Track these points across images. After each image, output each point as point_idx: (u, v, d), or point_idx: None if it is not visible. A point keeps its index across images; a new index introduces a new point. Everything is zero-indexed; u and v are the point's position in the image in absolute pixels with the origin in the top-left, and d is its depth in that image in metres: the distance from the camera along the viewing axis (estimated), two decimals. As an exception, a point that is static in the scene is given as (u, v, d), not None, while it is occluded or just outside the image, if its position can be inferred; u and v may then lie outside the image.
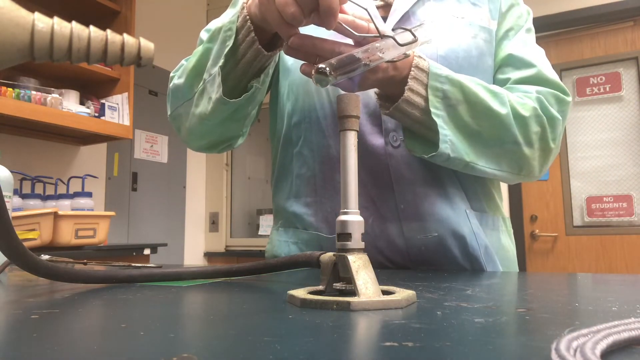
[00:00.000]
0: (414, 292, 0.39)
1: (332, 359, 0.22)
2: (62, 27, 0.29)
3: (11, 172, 0.78)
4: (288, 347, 0.23)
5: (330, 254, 0.42)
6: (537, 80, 0.74)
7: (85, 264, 0.78)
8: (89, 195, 2.06)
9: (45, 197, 2.01)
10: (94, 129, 2.18)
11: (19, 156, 2.20)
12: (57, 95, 2.06)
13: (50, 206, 1.93)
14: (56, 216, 1.78)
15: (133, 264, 0.75)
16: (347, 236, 0.39)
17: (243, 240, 3.24)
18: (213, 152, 0.81)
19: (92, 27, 0.30)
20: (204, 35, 0.76)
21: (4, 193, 0.42)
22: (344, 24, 0.54)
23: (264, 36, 0.63)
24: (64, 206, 1.98)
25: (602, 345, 0.20)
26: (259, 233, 3.17)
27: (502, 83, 0.76)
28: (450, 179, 0.73)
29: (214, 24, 0.70)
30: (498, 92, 0.67)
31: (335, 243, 0.39)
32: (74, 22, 0.30)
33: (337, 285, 0.40)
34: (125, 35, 0.31)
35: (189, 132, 0.76)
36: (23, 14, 0.28)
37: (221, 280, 0.55)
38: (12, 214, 0.75)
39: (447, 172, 0.72)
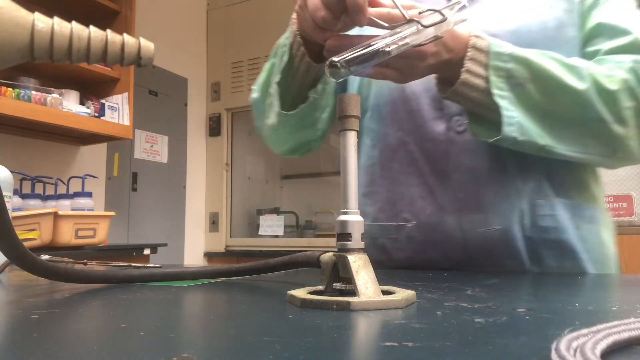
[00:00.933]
0: (414, 292, 0.39)
1: (332, 359, 0.22)
2: (62, 27, 0.29)
3: (11, 172, 0.78)
4: (288, 347, 0.23)
5: (330, 253, 0.42)
6: (633, 48, 0.65)
7: (85, 264, 0.78)
8: (89, 195, 2.06)
9: (45, 197, 2.01)
10: (94, 129, 2.18)
11: (19, 156, 2.20)
12: (57, 95, 2.06)
13: (50, 206, 1.93)
14: (56, 216, 1.78)
15: (133, 264, 0.75)
16: (347, 236, 0.39)
17: (243, 240, 3.24)
18: (295, 155, 0.85)
19: (92, 27, 0.30)
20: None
21: (4, 193, 0.42)
22: (375, 18, 0.52)
23: (314, 48, 0.64)
24: (64, 206, 1.98)
25: (602, 345, 0.20)
26: (259, 233, 3.17)
27: (592, 56, 0.68)
28: (526, 167, 0.67)
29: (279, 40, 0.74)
30: (576, 66, 0.61)
31: (391, 230, 0.39)
32: (74, 22, 0.30)
33: (337, 285, 0.40)
34: (125, 35, 0.31)
35: (269, 140, 0.81)
36: (23, 14, 0.28)
37: (221, 280, 0.55)
38: (12, 214, 0.75)
39: (522, 159, 0.66)
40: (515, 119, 0.58)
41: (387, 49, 0.49)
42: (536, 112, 0.60)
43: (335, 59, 0.47)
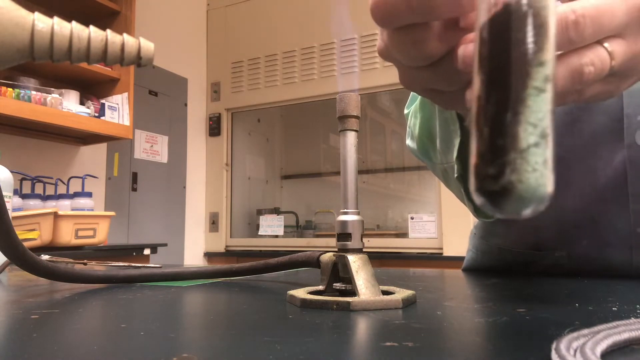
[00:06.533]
0: (414, 292, 0.39)
1: (332, 359, 0.22)
2: (62, 27, 0.29)
3: (11, 172, 0.78)
4: (288, 347, 0.23)
5: (330, 253, 0.42)
6: None
7: (85, 264, 0.78)
8: (89, 195, 2.06)
9: (45, 197, 2.01)
10: (94, 129, 2.18)
11: (19, 156, 2.20)
12: (57, 95, 2.06)
13: (50, 206, 1.93)
14: (56, 216, 1.78)
15: (133, 264, 0.75)
16: (347, 236, 0.39)
17: (243, 240, 3.24)
18: None
19: (92, 27, 0.30)
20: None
21: (4, 193, 0.42)
22: None
23: None
24: (64, 206, 1.98)
25: (602, 345, 0.20)
26: (259, 233, 3.17)
27: None
28: None
29: None
30: None
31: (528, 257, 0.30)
32: (74, 22, 0.30)
33: (337, 285, 0.40)
34: (125, 35, 0.31)
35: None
36: (23, 14, 0.28)
37: (221, 280, 0.55)
38: (12, 214, 0.75)
39: None
40: None
41: None
42: None
43: None
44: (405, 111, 0.66)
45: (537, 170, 0.17)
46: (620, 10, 0.27)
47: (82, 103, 2.25)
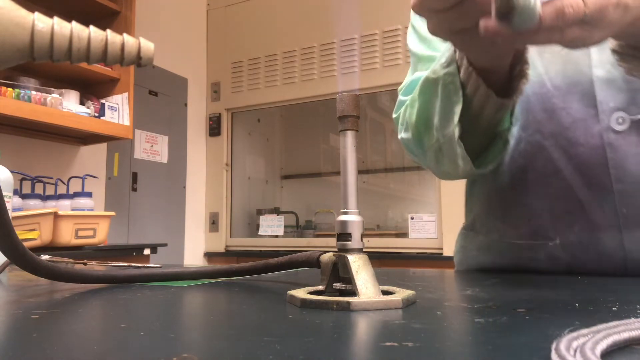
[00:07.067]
0: (414, 292, 0.39)
1: (332, 359, 0.22)
2: (62, 27, 0.29)
3: (11, 172, 0.78)
4: (288, 347, 0.23)
5: (330, 254, 0.42)
6: None
7: (85, 264, 0.78)
8: (89, 195, 2.06)
9: (45, 197, 2.01)
10: (94, 129, 2.18)
11: (19, 156, 2.20)
12: (57, 95, 2.06)
13: (50, 206, 1.93)
14: (56, 216, 1.78)
15: (133, 264, 0.75)
16: (347, 236, 0.39)
17: (243, 240, 3.24)
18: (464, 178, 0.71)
19: (92, 27, 0.30)
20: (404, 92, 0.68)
21: (4, 193, 0.42)
22: None
23: (495, 78, 0.52)
24: (64, 206, 1.98)
25: (602, 345, 0.20)
26: (259, 233, 3.17)
27: None
28: None
29: (417, 75, 0.63)
30: None
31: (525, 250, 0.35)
32: (74, 22, 0.30)
33: (337, 285, 0.40)
34: (125, 35, 0.31)
35: (439, 176, 0.69)
36: (23, 14, 0.28)
37: (221, 280, 0.55)
38: (12, 214, 0.75)
39: None
40: None
41: None
42: None
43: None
44: (394, 115, 0.70)
45: None
46: None
47: (82, 103, 2.25)
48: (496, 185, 0.66)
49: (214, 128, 3.28)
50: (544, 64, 0.61)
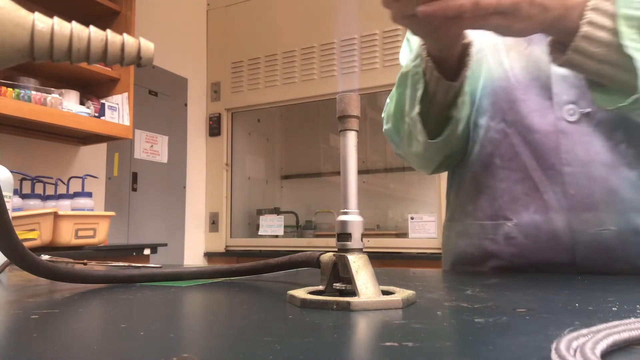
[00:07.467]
0: (414, 292, 0.39)
1: (332, 359, 0.22)
2: (62, 27, 0.29)
3: (11, 172, 0.78)
4: (288, 347, 0.23)
5: (330, 254, 0.42)
6: None
7: (85, 264, 0.78)
8: (89, 195, 2.06)
9: (45, 197, 2.01)
10: (94, 129, 2.18)
11: (19, 156, 2.20)
12: (57, 95, 2.06)
13: (50, 206, 1.93)
14: (56, 216, 1.78)
15: (133, 264, 0.75)
16: (347, 236, 0.39)
17: (243, 240, 3.24)
18: (442, 171, 0.81)
19: (92, 27, 0.30)
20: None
21: (4, 193, 0.42)
22: None
23: (448, 66, 0.62)
24: (64, 206, 1.98)
25: (602, 345, 0.20)
26: (259, 233, 3.17)
27: None
28: None
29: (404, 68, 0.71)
30: None
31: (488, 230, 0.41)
32: (74, 22, 0.30)
33: (337, 285, 0.40)
34: (125, 35, 0.31)
35: (416, 165, 0.79)
36: (23, 14, 0.28)
37: (221, 280, 0.55)
38: (12, 214, 0.75)
39: None
40: None
41: None
42: None
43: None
44: (382, 115, 0.80)
45: None
46: None
47: (82, 103, 2.25)
48: (469, 172, 0.73)
49: (214, 128, 3.28)
50: (509, 61, 0.68)
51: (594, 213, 0.60)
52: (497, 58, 0.70)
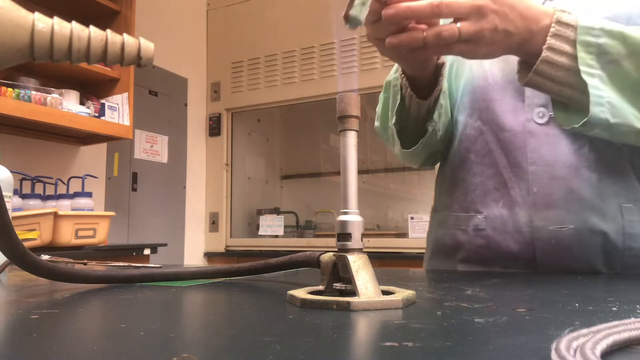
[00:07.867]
0: (414, 292, 0.39)
1: (332, 359, 0.22)
2: (62, 27, 0.29)
3: (11, 172, 0.78)
4: (288, 347, 0.23)
5: (330, 254, 0.42)
6: None
7: (85, 264, 0.78)
8: (89, 195, 2.06)
9: (45, 197, 2.01)
10: (94, 129, 2.18)
11: (19, 156, 2.20)
12: (57, 95, 2.06)
13: (50, 206, 1.93)
14: (56, 216, 1.78)
15: (133, 264, 0.75)
16: (347, 236, 0.39)
17: (243, 240, 3.24)
18: (430, 166, 0.86)
19: (92, 27, 0.30)
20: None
21: (4, 193, 0.42)
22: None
23: (420, 84, 0.67)
24: (64, 206, 1.98)
25: (602, 345, 0.20)
26: (259, 233, 3.17)
27: None
28: (614, 166, 0.63)
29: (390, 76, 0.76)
30: None
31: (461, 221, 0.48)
32: (74, 22, 0.30)
33: (337, 285, 0.40)
34: (125, 35, 0.31)
35: (403, 160, 0.82)
36: (23, 14, 0.28)
37: (221, 280, 0.55)
38: (12, 214, 0.75)
39: (609, 155, 0.62)
40: (606, 99, 0.53)
41: None
42: (633, 93, 0.54)
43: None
44: (376, 123, 0.84)
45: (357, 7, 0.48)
46: (465, 3, 0.51)
47: (82, 103, 2.25)
48: (450, 167, 0.77)
49: (214, 128, 3.28)
50: (489, 62, 0.72)
51: (554, 211, 0.63)
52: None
